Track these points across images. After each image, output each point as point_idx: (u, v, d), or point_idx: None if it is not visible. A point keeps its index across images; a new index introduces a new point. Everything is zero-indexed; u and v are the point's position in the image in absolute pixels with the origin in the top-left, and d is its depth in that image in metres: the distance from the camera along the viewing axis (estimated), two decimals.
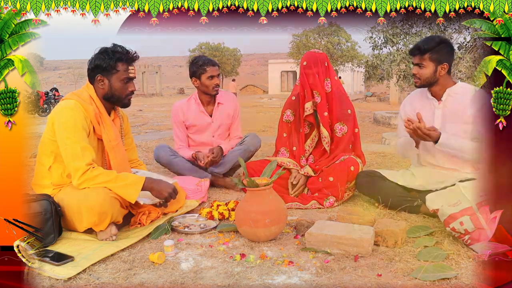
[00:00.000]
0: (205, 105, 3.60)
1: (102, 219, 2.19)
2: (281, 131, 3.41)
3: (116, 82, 2.40)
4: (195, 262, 2.01)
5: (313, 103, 3.20)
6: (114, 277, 1.84)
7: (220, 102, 3.60)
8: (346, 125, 3.18)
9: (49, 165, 2.34)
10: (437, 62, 2.62)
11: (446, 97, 2.69)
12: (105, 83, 2.40)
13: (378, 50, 10.88)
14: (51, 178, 2.35)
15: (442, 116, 2.69)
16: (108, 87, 2.40)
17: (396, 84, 11.06)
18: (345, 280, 1.79)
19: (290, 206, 2.93)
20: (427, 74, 2.64)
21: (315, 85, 3.17)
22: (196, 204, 2.92)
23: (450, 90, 2.68)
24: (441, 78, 2.65)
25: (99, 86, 2.41)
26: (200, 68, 3.44)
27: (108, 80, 2.39)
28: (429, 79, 2.65)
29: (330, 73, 3.24)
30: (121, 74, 2.40)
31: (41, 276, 1.85)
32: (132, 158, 2.79)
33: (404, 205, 2.68)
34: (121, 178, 2.27)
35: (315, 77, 3.17)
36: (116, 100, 2.45)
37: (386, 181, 2.86)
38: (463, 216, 2.09)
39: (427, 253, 2.02)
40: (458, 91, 2.67)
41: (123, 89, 2.43)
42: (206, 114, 3.58)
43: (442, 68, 2.62)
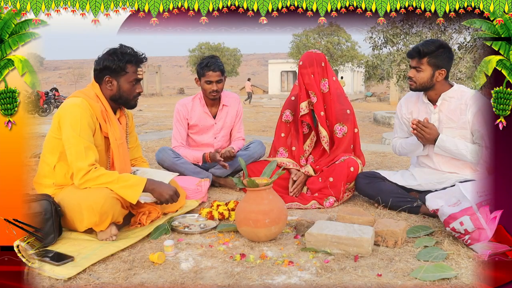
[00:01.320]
0: (209, 106, 3.56)
1: (103, 219, 2.19)
2: (279, 131, 3.41)
3: (124, 83, 2.40)
4: (195, 262, 2.01)
5: (308, 102, 3.21)
6: (114, 277, 1.84)
7: (225, 104, 3.57)
8: (346, 125, 3.17)
9: (54, 164, 2.34)
10: (435, 67, 2.59)
11: (441, 101, 2.68)
12: (114, 85, 2.40)
13: (378, 50, 10.90)
14: (54, 177, 2.35)
15: (438, 121, 2.68)
16: (117, 88, 2.41)
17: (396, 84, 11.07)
18: (345, 280, 1.79)
19: (290, 206, 2.94)
20: (423, 79, 2.61)
21: (311, 85, 3.17)
22: (196, 204, 2.92)
23: (445, 94, 2.66)
24: (438, 83, 2.63)
25: (107, 87, 2.40)
26: (201, 70, 3.41)
27: (116, 81, 2.39)
28: (425, 84, 2.63)
29: (328, 74, 3.23)
30: (130, 76, 2.40)
31: (41, 276, 1.85)
32: (137, 156, 2.80)
33: (404, 206, 2.68)
34: (123, 179, 2.27)
35: (310, 77, 3.17)
36: (124, 101, 2.46)
37: (386, 181, 2.87)
38: (463, 216, 2.09)
39: (427, 253, 2.02)
40: (453, 95, 2.65)
41: (131, 91, 2.43)
42: (210, 116, 3.55)
43: (440, 73, 2.60)
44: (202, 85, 3.44)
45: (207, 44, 45.89)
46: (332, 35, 30.19)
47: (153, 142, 6.02)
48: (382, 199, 2.80)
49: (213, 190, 3.40)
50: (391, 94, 22.14)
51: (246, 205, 2.25)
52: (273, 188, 2.30)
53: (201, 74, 3.42)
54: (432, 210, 2.33)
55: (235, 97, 3.70)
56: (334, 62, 30.29)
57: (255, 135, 6.95)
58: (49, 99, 15.21)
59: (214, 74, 3.38)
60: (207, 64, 3.38)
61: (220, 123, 3.57)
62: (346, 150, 3.17)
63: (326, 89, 3.21)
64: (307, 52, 3.27)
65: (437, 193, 2.41)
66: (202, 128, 3.56)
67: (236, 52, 47.82)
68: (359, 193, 3.03)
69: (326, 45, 30.07)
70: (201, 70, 3.41)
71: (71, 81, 70.33)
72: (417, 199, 2.70)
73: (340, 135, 3.17)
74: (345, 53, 30.90)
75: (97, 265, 1.95)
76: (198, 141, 3.59)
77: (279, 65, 44.34)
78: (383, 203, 2.79)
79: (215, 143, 3.59)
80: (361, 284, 1.76)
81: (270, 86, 45.52)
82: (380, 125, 10.51)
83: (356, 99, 27.65)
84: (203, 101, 3.54)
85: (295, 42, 31.95)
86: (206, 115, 3.54)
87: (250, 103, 24.51)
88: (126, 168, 2.49)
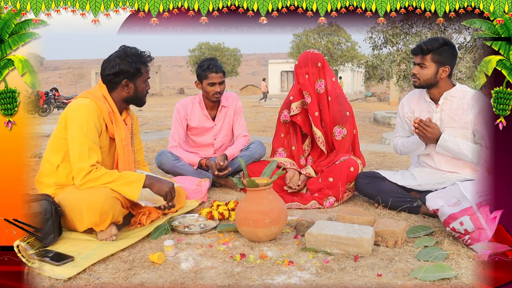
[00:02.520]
0: (209, 109, 3.55)
1: (103, 219, 2.19)
2: (278, 131, 3.40)
3: (140, 84, 2.46)
4: (195, 262, 2.01)
5: (302, 103, 3.21)
6: (114, 277, 1.84)
7: (224, 105, 3.56)
8: (345, 127, 3.17)
9: (58, 163, 2.34)
10: (439, 63, 2.59)
11: (443, 101, 2.67)
12: (131, 87, 2.43)
13: (378, 50, 10.89)
14: (56, 177, 2.35)
15: (440, 120, 2.68)
16: (134, 90, 2.44)
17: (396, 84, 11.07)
18: (345, 280, 1.79)
19: (290, 206, 2.93)
20: (427, 75, 2.61)
21: (305, 85, 3.17)
22: (196, 204, 2.92)
23: (447, 93, 2.66)
24: (441, 80, 2.63)
25: (124, 90, 2.43)
26: (203, 72, 3.38)
27: (133, 84, 2.43)
28: (429, 80, 2.63)
29: (325, 74, 3.22)
30: (144, 76, 2.47)
31: (41, 276, 1.85)
32: (139, 159, 2.80)
33: (404, 206, 2.68)
34: (123, 176, 2.29)
35: (304, 77, 3.17)
36: (138, 100, 2.51)
37: (385, 181, 2.86)
38: (463, 216, 2.09)
39: (427, 253, 2.02)
40: (456, 94, 2.65)
41: (144, 90, 2.50)
42: (209, 118, 3.54)
43: (444, 70, 2.60)
44: (204, 87, 3.42)
45: (207, 44, 45.92)
46: (332, 35, 30.19)
47: (153, 142, 6.02)
48: (382, 199, 2.79)
49: (213, 190, 3.40)
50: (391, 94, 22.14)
51: (246, 205, 2.25)
52: (273, 188, 2.30)
53: (203, 76, 3.39)
54: (432, 210, 2.32)
55: (233, 96, 3.68)
56: (334, 62, 30.28)
57: (255, 135, 6.95)
58: (49, 99, 15.20)
59: (217, 76, 3.37)
60: (208, 66, 3.36)
61: (219, 125, 3.57)
62: (346, 152, 3.17)
63: (322, 89, 3.19)
64: (304, 52, 3.26)
65: (437, 193, 2.41)
66: (201, 131, 3.55)
67: (236, 52, 47.85)
68: (359, 193, 3.03)
69: (326, 45, 30.07)
70: (203, 73, 3.38)
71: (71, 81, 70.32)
72: (417, 199, 2.70)
73: (339, 137, 3.17)
74: (345, 53, 30.91)
75: (97, 265, 1.95)
76: (198, 142, 3.59)
77: (279, 65, 44.31)
78: (383, 203, 2.79)
79: (215, 144, 3.59)
80: (361, 284, 1.76)
81: (270, 86, 45.51)
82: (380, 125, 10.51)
83: (356, 99, 27.66)
84: (203, 104, 3.53)
85: (295, 42, 31.96)
86: (205, 117, 3.53)
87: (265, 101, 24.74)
88: (130, 169, 2.50)
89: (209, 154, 3.58)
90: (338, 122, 3.17)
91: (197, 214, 2.71)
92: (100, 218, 2.18)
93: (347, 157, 3.07)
